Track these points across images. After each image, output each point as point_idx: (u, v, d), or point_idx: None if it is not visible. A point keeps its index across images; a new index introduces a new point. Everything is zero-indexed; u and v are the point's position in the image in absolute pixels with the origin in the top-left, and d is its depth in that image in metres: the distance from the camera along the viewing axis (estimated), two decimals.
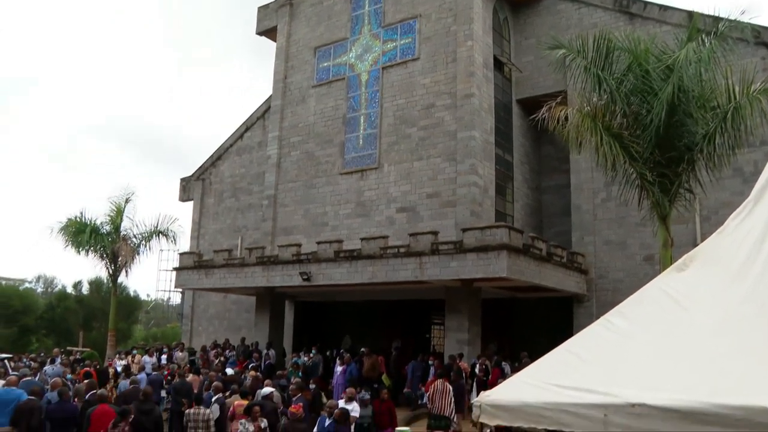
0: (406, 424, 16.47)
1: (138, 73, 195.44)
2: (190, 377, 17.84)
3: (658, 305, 6.52)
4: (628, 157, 13.80)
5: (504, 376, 15.76)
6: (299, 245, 23.17)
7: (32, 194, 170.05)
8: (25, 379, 15.24)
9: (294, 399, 13.25)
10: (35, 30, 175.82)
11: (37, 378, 16.01)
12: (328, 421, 11.74)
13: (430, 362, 19.88)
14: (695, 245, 10.83)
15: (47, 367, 19.53)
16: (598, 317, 7.07)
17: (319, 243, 22.33)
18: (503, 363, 19.19)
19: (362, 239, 21.24)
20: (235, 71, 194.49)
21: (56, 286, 64.42)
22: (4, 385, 13.23)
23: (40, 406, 12.05)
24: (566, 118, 14.48)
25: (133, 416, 11.23)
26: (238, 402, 13.04)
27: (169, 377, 18.44)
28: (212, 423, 11.91)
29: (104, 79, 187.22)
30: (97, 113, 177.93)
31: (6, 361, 19.16)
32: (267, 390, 14.54)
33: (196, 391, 16.55)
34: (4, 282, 54.73)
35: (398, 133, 25.21)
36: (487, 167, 23.80)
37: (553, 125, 14.65)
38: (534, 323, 24.07)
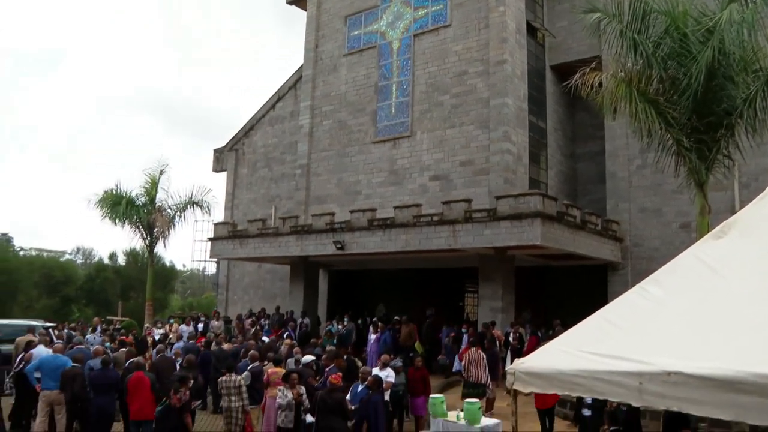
0: (440, 392, 16.55)
1: (168, 44, 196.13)
2: (226, 346, 18.13)
3: (695, 273, 6.46)
4: (664, 123, 13.55)
5: (540, 345, 15.78)
6: (332, 214, 23.26)
7: (67, 167, 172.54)
8: (77, 347, 15.67)
9: (328, 369, 13.39)
10: (62, 2, 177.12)
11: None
12: (361, 388, 11.87)
13: (463, 330, 19.95)
14: (733, 212, 10.69)
15: (89, 336, 19.98)
16: (632, 285, 7.02)
17: (352, 212, 22.39)
18: (539, 331, 19.22)
19: (395, 208, 21.26)
20: (266, 41, 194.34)
21: (94, 258, 65.55)
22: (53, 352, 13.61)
23: (82, 372, 12.38)
24: (600, 84, 14.23)
25: (192, 382, 11.49)
26: (272, 370, 13.22)
27: (202, 345, 18.72)
28: (244, 389, 12.08)
29: (131, 51, 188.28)
30: (126, 85, 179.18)
31: (50, 329, 19.61)
32: (308, 358, 14.71)
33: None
34: (45, 254, 55.81)
35: (430, 100, 25.06)
36: (520, 134, 23.60)
37: (587, 91, 14.41)
38: (568, 291, 23.98)
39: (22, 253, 52.32)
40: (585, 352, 6.28)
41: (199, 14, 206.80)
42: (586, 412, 10.85)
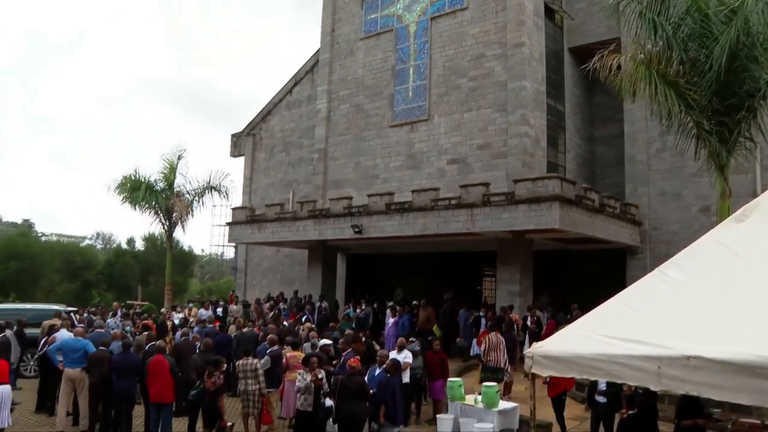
0: (458, 375, 16.60)
1: (184, 29, 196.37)
2: (245, 329, 18.26)
3: (715, 257, 6.42)
4: (684, 105, 13.42)
5: (558, 329, 15.75)
6: (350, 198, 23.28)
7: (87, 154, 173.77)
8: (97, 330, 15.88)
9: (345, 353, 13.46)
10: None
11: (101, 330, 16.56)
12: (378, 371, 11.92)
13: (481, 314, 19.95)
14: (755, 196, 10.56)
15: (109, 320, 20.22)
16: (651, 269, 6.99)
17: (370, 196, 22.40)
18: (558, 315, 19.20)
19: (413, 191, 21.23)
20: (282, 25, 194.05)
21: (114, 243, 66.12)
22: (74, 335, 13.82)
23: (109, 356, 12.54)
24: (619, 67, 14.11)
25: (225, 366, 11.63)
26: (291, 353, 13.31)
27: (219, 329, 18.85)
28: (261, 373, 12.17)
29: (147, 37, 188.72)
30: (142, 72, 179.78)
31: (72, 314, 19.85)
32: (324, 342, 14.78)
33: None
34: (65, 239, 56.34)
35: (448, 84, 24.95)
36: (538, 117, 23.46)
37: (605, 74, 14.29)
38: (586, 275, 23.89)
39: (43, 239, 52.89)
40: (604, 335, 6.27)
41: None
42: (601, 399, 10.82)
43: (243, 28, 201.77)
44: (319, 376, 10.92)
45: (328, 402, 10.70)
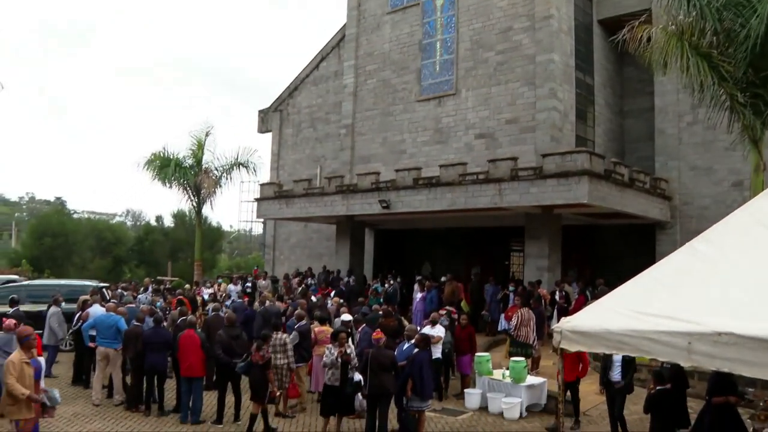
0: (486, 350, 16.67)
1: (210, 8, 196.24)
2: (278, 303, 18.42)
3: (748, 232, 6.35)
4: (717, 77, 13.17)
5: (587, 304, 15.69)
6: (378, 173, 23.28)
7: (116, 132, 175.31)
8: (128, 306, 16.14)
9: (360, 329, 13.56)
10: None
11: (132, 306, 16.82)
12: (407, 345, 11.98)
13: (511, 288, 19.93)
14: None
15: (140, 296, 20.52)
16: (681, 245, 6.93)
17: (397, 171, 22.38)
18: (587, 290, 19.14)
19: (441, 166, 21.16)
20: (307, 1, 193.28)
21: (143, 220, 66.85)
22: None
23: (142, 331, 12.75)
24: (650, 39, 13.87)
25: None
26: (319, 328, 13.43)
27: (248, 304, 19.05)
28: (290, 347, 12.28)
29: (173, 15, 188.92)
30: (171, 48, 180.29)
31: (104, 289, 20.18)
32: (346, 317, 14.88)
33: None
34: (96, 216, 57.06)
35: (475, 58, 24.74)
36: (567, 91, 23.20)
37: (636, 46, 14.06)
38: (615, 250, 23.75)
39: (75, 216, 53.59)
40: (633, 311, 6.25)
41: None
42: (616, 377, 10.70)
43: (276, 15, 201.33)
44: (347, 351, 11.00)
45: (357, 377, 10.79)
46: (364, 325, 13.74)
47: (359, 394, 10.71)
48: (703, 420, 8.49)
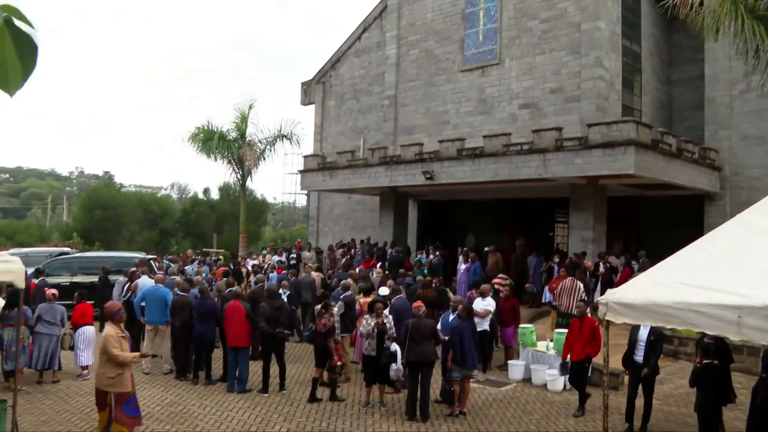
0: (529, 322, 16.63)
1: None
2: (314, 274, 18.62)
3: None
4: None
5: (633, 276, 15.50)
6: (421, 144, 23.19)
7: (164, 105, 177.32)
8: (172, 277, 16.47)
9: (393, 299, 13.61)
10: None
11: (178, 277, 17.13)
12: (451, 317, 12.02)
13: (556, 260, 19.78)
14: None
15: (187, 267, 20.89)
16: (731, 216, 6.79)
17: (441, 141, 22.26)
18: (632, 262, 18.93)
19: (484, 137, 20.99)
20: None
21: (189, 193, 67.71)
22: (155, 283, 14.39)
23: (190, 301, 13.02)
24: (702, 3, 13.46)
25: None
26: (364, 299, 13.54)
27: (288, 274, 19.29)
28: (336, 317, 12.42)
29: None
30: (216, 22, 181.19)
31: (151, 261, 20.58)
32: (383, 290, 14.89)
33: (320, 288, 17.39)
34: (143, 190, 57.99)
35: (519, 26, 24.37)
36: (613, 59, 22.74)
37: (686, 11, 13.65)
38: (662, 222, 23.38)
39: (123, 189, 54.52)
40: (681, 283, 6.17)
41: None
42: (639, 358, 10.07)
43: None
44: (383, 322, 11.08)
45: (393, 347, 10.88)
46: (400, 295, 13.80)
47: (393, 364, 10.78)
48: (756, 396, 8.33)
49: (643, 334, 9.98)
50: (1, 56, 2.06)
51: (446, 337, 11.30)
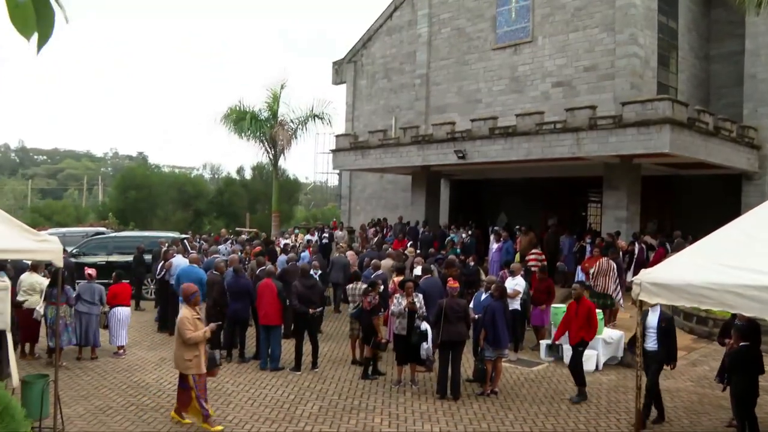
0: (561, 302, 16.54)
1: None
2: (348, 254, 18.69)
3: None
4: None
5: (667, 257, 15.31)
6: (453, 123, 23.07)
7: (195, 88, 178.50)
8: (213, 256, 16.67)
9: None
10: None
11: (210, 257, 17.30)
12: (484, 296, 12.01)
13: (588, 240, 19.61)
14: None
15: (221, 247, 21.07)
16: None
17: (473, 120, 22.12)
18: (666, 242, 18.71)
19: (517, 115, 20.82)
20: None
21: (221, 173, 68.17)
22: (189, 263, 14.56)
23: (221, 280, 13.15)
24: None
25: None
26: (398, 278, 13.56)
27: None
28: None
29: None
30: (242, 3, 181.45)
31: (185, 240, 20.81)
32: (419, 270, 14.90)
33: (354, 267, 17.42)
34: (177, 170, 58.51)
35: (552, 3, 24.03)
36: (648, 36, 22.34)
37: None
38: (698, 201, 23.03)
39: (157, 170, 55.05)
40: (717, 264, 6.10)
41: None
42: (651, 345, 9.41)
43: None
44: (414, 301, 11.09)
45: (423, 326, 10.90)
46: (428, 275, 13.79)
47: (424, 343, 10.81)
48: None
49: (653, 320, 9.43)
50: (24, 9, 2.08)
51: (476, 316, 11.30)
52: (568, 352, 11.72)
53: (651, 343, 9.42)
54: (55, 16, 2.14)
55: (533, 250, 18.47)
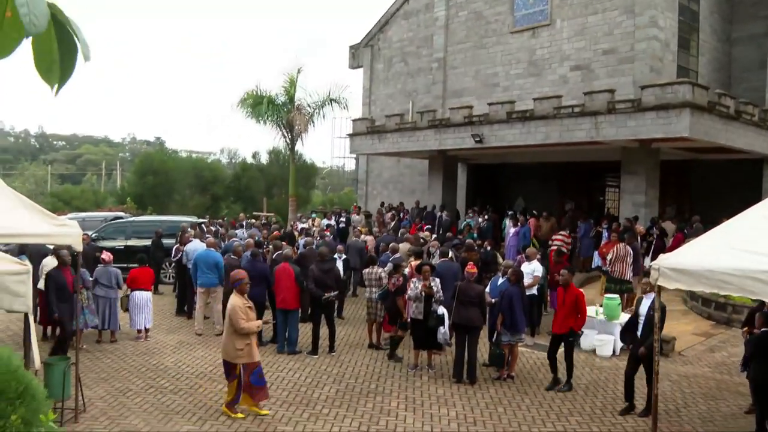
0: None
1: None
2: (367, 238, 18.71)
3: None
4: None
5: (686, 242, 15.20)
6: (470, 107, 22.94)
7: (209, 73, 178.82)
8: (233, 240, 16.76)
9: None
10: None
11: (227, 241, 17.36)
12: (501, 281, 11.99)
13: (605, 226, 19.49)
14: None
15: (238, 231, 21.15)
16: None
17: (490, 104, 21.99)
18: (684, 227, 18.59)
19: (535, 99, 20.68)
20: None
21: (239, 158, 68.24)
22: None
23: (239, 263, 13.20)
24: None
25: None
26: (415, 262, 13.56)
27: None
28: (384, 282, 12.51)
29: None
30: None
31: (202, 225, 20.90)
32: (441, 251, 14.93)
33: (372, 252, 17.45)
34: (194, 155, 58.60)
35: None
36: (669, 19, 22.08)
37: None
38: (717, 186, 22.81)
39: (174, 155, 55.21)
40: (738, 249, 6.04)
41: None
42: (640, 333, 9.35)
43: None
44: (431, 285, 11.08)
45: (440, 310, 10.91)
46: (445, 258, 13.80)
47: (441, 327, 10.82)
48: None
49: (644, 308, 9.32)
50: (48, 50, 2.09)
51: (493, 300, 11.29)
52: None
53: (638, 331, 9.41)
54: (78, 54, 2.14)
55: (561, 232, 18.53)
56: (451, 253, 14.40)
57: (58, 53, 2.09)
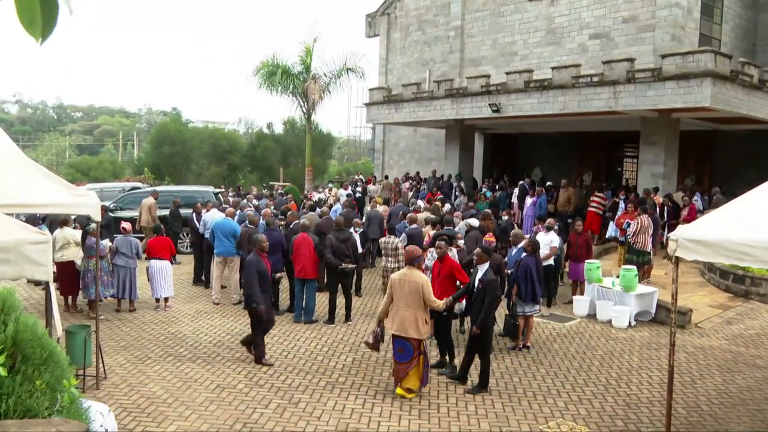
0: (595, 258, 16.44)
1: None
2: (381, 208, 18.71)
3: None
4: None
5: (704, 213, 15.09)
6: (488, 76, 22.74)
7: (226, 41, 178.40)
8: (247, 209, 16.83)
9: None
10: None
11: (244, 211, 17.42)
12: (515, 250, 11.97)
13: (621, 197, 19.34)
14: None
15: (254, 201, 21.23)
16: None
17: (508, 73, 21.78)
18: (696, 197, 18.45)
19: (553, 68, 20.44)
20: None
21: (255, 128, 68.18)
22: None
23: (254, 232, 13.26)
24: None
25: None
26: (429, 232, 13.58)
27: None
28: (400, 251, 12.53)
29: None
30: None
31: (218, 195, 20.99)
32: (474, 221, 14.77)
33: (387, 221, 17.49)
34: (211, 125, 58.60)
35: None
36: None
37: None
38: (738, 157, 22.56)
39: (191, 125, 55.29)
40: (758, 221, 5.97)
41: None
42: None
43: None
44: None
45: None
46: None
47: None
48: None
49: (476, 278, 9.23)
50: (30, 3, 2.11)
51: (509, 271, 11.29)
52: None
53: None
54: (58, 9, 2.16)
55: (598, 193, 18.67)
56: (477, 222, 14.34)
57: (39, 6, 2.12)
